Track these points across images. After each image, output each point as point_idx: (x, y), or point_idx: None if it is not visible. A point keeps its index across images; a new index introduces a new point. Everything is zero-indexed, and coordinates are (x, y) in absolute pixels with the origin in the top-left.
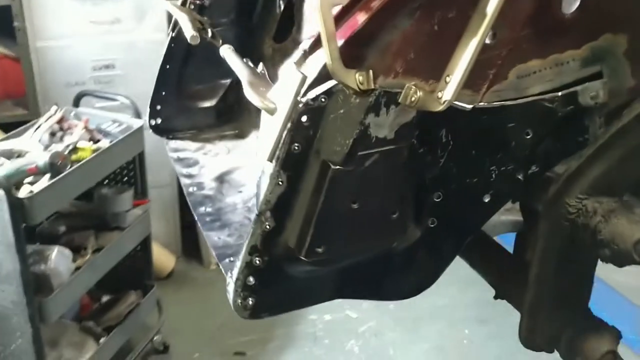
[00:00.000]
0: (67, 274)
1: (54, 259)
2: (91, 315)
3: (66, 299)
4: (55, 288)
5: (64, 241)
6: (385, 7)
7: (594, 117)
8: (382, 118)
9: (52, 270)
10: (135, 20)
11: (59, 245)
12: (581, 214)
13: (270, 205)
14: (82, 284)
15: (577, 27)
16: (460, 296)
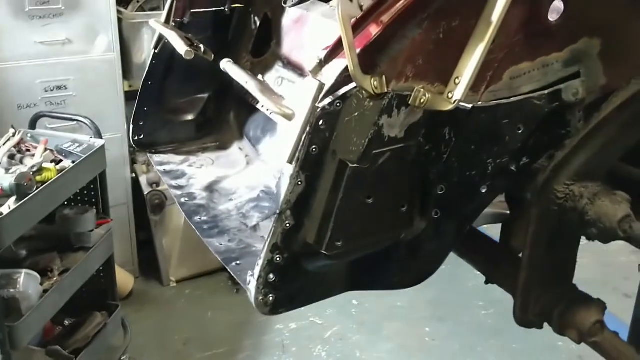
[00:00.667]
0: (36, 298)
1: (22, 282)
2: (56, 339)
3: (36, 323)
4: (24, 312)
5: (29, 265)
6: (397, 19)
7: (574, 112)
8: (394, 119)
9: (21, 294)
10: (86, 41)
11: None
12: (569, 198)
13: (290, 204)
14: (51, 306)
15: (561, 32)
16: (418, 296)
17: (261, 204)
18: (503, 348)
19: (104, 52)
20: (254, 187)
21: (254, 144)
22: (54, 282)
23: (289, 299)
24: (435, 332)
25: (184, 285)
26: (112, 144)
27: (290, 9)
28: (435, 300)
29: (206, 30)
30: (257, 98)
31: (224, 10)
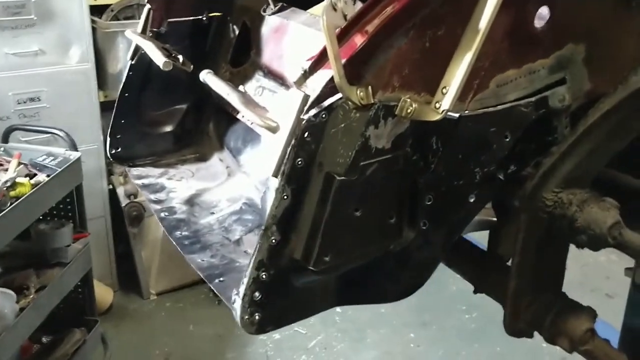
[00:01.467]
0: (12, 316)
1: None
2: (33, 358)
3: (13, 342)
4: (0, 332)
5: (3, 282)
6: (382, 28)
7: (561, 119)
8: (380, 129)
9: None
10: (59, 51)
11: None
12: (558, 205)
13: (276, 219)
14: (28, 325)
15: (546, 39)
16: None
17: (244, 217)
18: (487, 352)
19: (78, 63)
20: (235, 199)
21: (234, 154)
22: (30, 299)
23: (275, 317)
24: (419, 338)
25: (165, 297)
26: (88, 156)
27: (270, 17)
28: (418, 305)
29: (183, 39)
30: (239, 110)
31: (202, 19)
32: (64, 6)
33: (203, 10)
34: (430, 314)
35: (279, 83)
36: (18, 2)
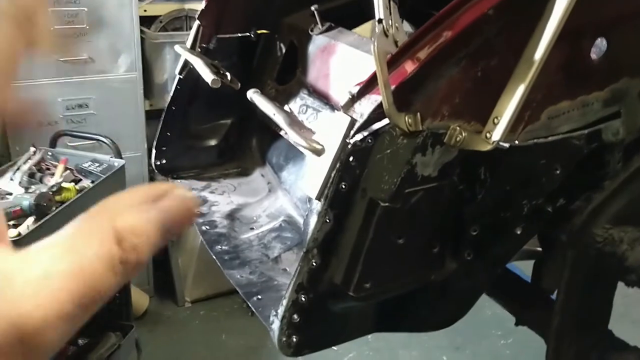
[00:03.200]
0: None
1: None
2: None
3: None
4: None
5: None
6: (434, 57)
7: (614, 153)
8: (427, 157)
9: None
10: (109, 60)
11: None
12: (608, 242)
13: (317, 242)
14: None
15: (602, 71)
16: None
17: (283, 235)
18: None
19: (126, 72)
20: (275, 216)
21: (276, 171)
22: None
23: (312, 340)
24: None
25: (199, 305)
26: (131, 163)
27: (317, 36)
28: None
29: (231, 56)
30: (285, 131)
31: (250, 36)
32: (115, 16)
33: (252, 27)
34: (464, 337)
35: (324, 102)
36: (72, 11)
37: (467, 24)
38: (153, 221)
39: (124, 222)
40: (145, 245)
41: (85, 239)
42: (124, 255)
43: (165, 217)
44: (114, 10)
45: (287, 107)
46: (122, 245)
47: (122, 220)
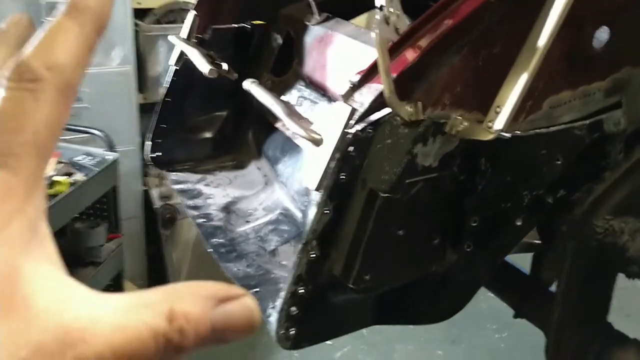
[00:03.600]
0: None
1: None
2: None
3: None
4: None
5: None
6: (436, 44)
7: (615, 143)
8: (428, 147)
9: None
10: (102, 53)
11: None
12: (608, 233)
13: (316, 234)
14: None
15: (604, 61)
16: None
17: (280, 227)
18: None
19: (119, 65)
20: (272, 209)
21: (272, 163)
22: None
23: (311, 333)
24: (447, 355)
25: None
26: (125, 157)
27: (314, 27)
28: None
29: (227, 47)
30: (283, 121)
31: (246, 27)
32: None
33: (248, 18)
34: (459, 331)
35: (321, 94)
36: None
37: (469, 11)
38: (210, 317)
39: (181, 305)
40: (193, 333)
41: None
42: (169, 333)
43: (223, 320)
44: None
45: (284, 99)
46: (172, 324)
47: (181, 303)
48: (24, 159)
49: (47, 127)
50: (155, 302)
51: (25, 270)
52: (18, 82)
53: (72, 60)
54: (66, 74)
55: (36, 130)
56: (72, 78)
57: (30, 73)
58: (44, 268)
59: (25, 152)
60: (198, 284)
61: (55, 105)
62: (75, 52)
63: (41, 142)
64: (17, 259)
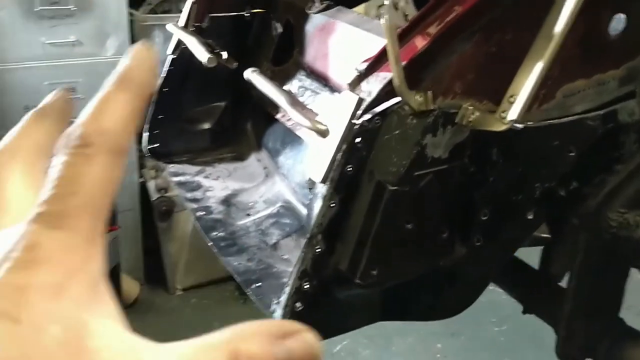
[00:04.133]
0: None
1: None
2: None
3: None
4: None
5: None
6: (446, 31)
7: (629, 134)
8: (438, 138)
9: None
10: (96, 42)
11: None
12: (623, 227)
13: (322, 227)
14: None
15: (619, 49)
16: None
17: (281, 220)
18: None
19: (114, 55)
20: (273, 202)
21: (273, 155)
22: None
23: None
24: (447, 348)
25: (190, 293)
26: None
27: (315, 15)
28: None
29: (225, 35)
30: (287, 112)
31: (244, 15)
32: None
33: (246, 6)
34: (459, 324)
35: (322, 84)
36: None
37: None
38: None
39: (245, 344)
40: None
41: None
42: None
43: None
44: None
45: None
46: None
47: (244, 342)
48: (82, 219)
49: (101, 188)
50: (220, 344)
51: (91, 327)
52: (73, 148)
53: (121, 125)
54: (116, 138)
55: (91, 191)
56: (121, 141)
57: (84, 139)
58: (108, 324)
59: (82, 213)
60: (260, 323)
61: (108, 167)
62: (124, 118)
63: (96, 202)
64: (83, 316)
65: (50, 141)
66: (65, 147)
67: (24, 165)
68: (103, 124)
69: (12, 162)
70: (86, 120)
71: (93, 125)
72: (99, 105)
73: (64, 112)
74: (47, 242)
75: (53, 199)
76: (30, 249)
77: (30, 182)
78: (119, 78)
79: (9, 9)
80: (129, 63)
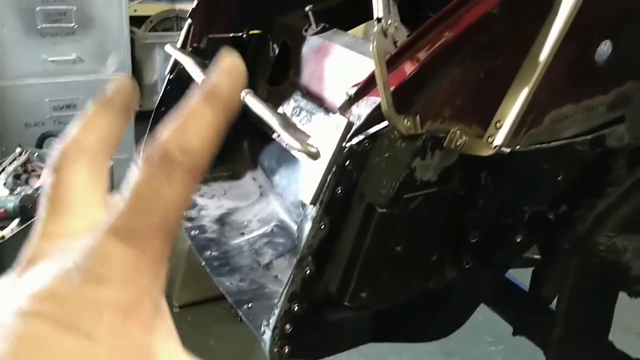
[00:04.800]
0: None
1: None
2: None
3: None
4: None
5: None
6: (435, 57)
7: (617, 159)
8: (427, 161)
9: None
10: (97, 60)
11: None
12: (611, 251)
13: (312, 249)
14: None
15: (607, 75)
16: None
17: (274, 240)
18: None
19: (115, 72)
20: (267, 221)
21: (268, 174)
22: None
23: (306, 351)
24: None
25: (187, 311)
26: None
27: (311, 37)
28: None
29: None
30: (279, 134)
31: (242, 36)
32: (104, 16)
33: (243, 27)
34: (454, 343)
35: (317, 105)
36: (60, 10)
37: (470, 23)
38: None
39: None
40: None
41: None
42: None
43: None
44: (103, 10)
45: (280, 109)
46: None
47: None
48: (153, 238)
49: (176, 209)
50: None
51: (156, 351)
52: (155, 164)
53: (203, 145)
54: (197, 158)
55: (166, 211)
56: (201, 162)
57: (167, 157)
58: (170, 346)
59: (155, 232)
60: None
61: (185, 187)
62: (207, 138)
63: (170, 222)
64: (149, 339)
65: (113, 136)
66: (147, 162)
67: (89, 162)
68: (187, 143)
69: (78, 158)
70: (170, 136)
71: (177, 143)
72: (184, 121)
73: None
74: (119, 258)
75: (130, 215)
76: (102, 263)
77: (95, 180)
78: (207, 92)
79: (11, 26)
80: (217, 76)
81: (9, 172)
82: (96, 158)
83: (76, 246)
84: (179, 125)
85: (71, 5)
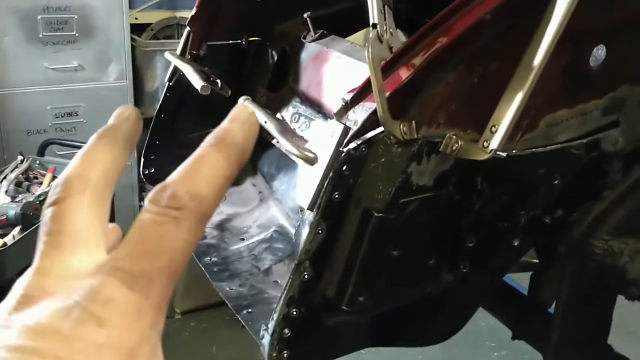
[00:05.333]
0: None
1: None
2: None
3: None
4: None
5: None
6: (430, 62)
7: (612, 162)
8: (423, 166)
9: None
10: (98, 68)
11: None
12: (607, 254)
13: (309, 254)
14: None
15: (601, 79)
16: None
17: (274, 245)
18: None
19: (116, 80)
20: (266, 226)
21: (268, 180)
22: None
23: (304, 355)
24: None
25: (189, 317)
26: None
27: (309, 44)
28: None
29: (222, 63)
30: (277, 139)
31: (241, 43)
32: (105, 24)
33: (243, 34)
34: (457, 349)
35: (316, 110)
36: (61, 18)
37: (464, 28)
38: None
39: None
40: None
41: None
42: None
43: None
44: (104, 18)
45: (279, 115)
46: None
47: None
48: (157, 284)
49: (181, 254)
50: None
51: None
52: (163, 207)
53: (213, 192)
54: (206, 205)
55: (171, 256)
56: (210, 209)
57: (176, 200)
58: None
59: (159, 277)
60: None
61: (192, 233)
62: (217, 184)
63: (174, 268)
64: None
65: (117, 169)
66: (155, 204)
67: (92, 195)
68: (196, 188)
69: (81, 190)
70: (180, 180)
71: (187, 187)
72: (194, 165)
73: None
74: (121, 300)
75: (136, 257)
76: (104, 305)
77: (97, 215)
78: (220, 138)
79: (13, 34)
80: (231, 124)
81: (11, 179)
82: (99, 191)
83: (79, 285)
84: (189, 169)
85: (72, 14)
